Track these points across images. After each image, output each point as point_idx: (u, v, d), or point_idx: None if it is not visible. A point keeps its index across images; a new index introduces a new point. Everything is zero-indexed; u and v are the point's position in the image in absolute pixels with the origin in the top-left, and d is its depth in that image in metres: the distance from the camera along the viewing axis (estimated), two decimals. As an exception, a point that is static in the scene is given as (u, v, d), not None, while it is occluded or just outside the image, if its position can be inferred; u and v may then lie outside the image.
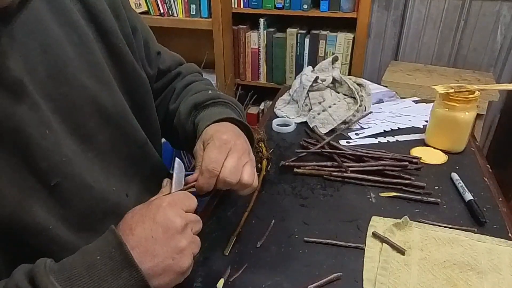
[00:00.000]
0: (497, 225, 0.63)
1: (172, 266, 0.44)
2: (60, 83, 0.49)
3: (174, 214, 0.45)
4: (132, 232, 0.44)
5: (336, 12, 1.75)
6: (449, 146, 0.84)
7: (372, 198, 0.70)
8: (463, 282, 0.53)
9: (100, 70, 0.55)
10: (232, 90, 2.02)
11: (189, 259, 0.45)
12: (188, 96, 0.71)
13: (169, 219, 0.45)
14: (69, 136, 0.51)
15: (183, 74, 0.77)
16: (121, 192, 0.59)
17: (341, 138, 0.90)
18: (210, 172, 0.53)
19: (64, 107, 0.50)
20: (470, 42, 1.80)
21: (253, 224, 0.64)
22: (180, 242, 0.45)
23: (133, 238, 0.43)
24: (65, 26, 0.52)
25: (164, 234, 0.44)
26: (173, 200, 0.47)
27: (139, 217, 0.45)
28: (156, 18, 1.88)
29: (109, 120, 0.56)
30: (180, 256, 0.44)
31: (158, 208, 0.46)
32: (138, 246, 0.43)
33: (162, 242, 0.44)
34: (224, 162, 0.54)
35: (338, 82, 0.99)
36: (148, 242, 0.43)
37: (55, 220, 0.49)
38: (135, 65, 0.62)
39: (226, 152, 0.54)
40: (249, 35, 1.95)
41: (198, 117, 0.66)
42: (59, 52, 0.50)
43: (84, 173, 0.52)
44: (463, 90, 0.81)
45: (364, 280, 0.53)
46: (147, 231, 0.44)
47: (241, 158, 0.55)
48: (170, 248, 0.44)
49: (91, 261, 0.41)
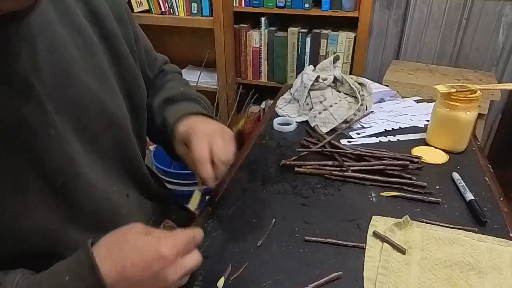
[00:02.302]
0: (498, 225, 0.63)
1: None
2: (66, 84, 0.50)
3: (172, 271, 0.43)
4: (123, 274, 0.41)
5: (337, 11, 1.74)
6: (450, 146, 0.84)
7: (373, 197, 0.70)
8: (464, 282, 0.53)
9: (104, 72, 0.56)
10: (233, 89, 2.02)
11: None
12: (161, 92, 0.73)
13: (165, 276, 0.42)
14: (74, 137, 0.51)
15: (165, 72, 0.80)
16: (121, 193, 0.60)
17: (342, 137, 0.90)
18: (199, 161, 0.55)
19: (70, 108, 0.50)
20: (472, 42, 1.79)
21: (254, 223, 0.64)
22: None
23: (121, 279, 0.41)
24: (70, 28, 0.52)
25: (152, 286, 0.42)
26: (176, 247, 0.44)
27: (138, 257, 0.42)
28: (157, 17, 1.88)
29: (112, 122, 0.57)
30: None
31: (159, 258, 0.42)
32: (119, 285, 0.41)
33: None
34: (213, 147, 0.56)
35: (339, 81, 0.99)
36: (131, 285, 0.42)
37: (60, 220, 0.49)
38: (135, 69, 0.63)
39: (208, 139, 0.57)
40: (250, 34, 1.94)
41: (166, 111, 0.68)
42: (64, 54, 0.50)
43: (89, 173, 0.52)
44: (464, 89, 0.80)
45: (364, 279, 0.53)
46: (138, 278, 0.41)
47: (223, 137, 0.59)
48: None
49: (60, 281, 0.39)
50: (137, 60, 0.65)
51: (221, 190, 0.73)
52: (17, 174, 0.44)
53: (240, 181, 0.75)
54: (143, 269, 0.41)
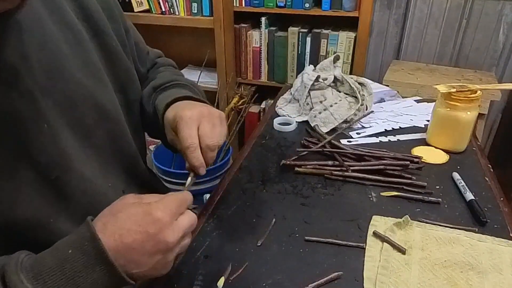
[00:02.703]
0: (498, 225, 0.63)
1: (154, 273, 0.44)
2: (57, 79, 0.50)
3: (170, 232, 0.43)
4: (122, 241, 0.41)
5: (337, 11, 1.74)
6: (450, 146, 0.84)
7: (373, 197, 0.70)
8: (464, 282, 0.53)
9: (95, 68, 0.56)
10: (234, 88, 2.02)
11: (172, 263, 0.45)
12: (151, 82, 0.72)
13: (165, 238, 0.43)
14: (67, 131, 0.51)
15: (158, 65, 0.79)
16: (117, 188, 0.60)
17: (342, 137, 0.90)
18: (188, 148, 0.53)
19: (62, 102, 0.50)
20: (472, 42, 1.79)
21: (254, 223, 0.64)
22: (169, 257, 0.44)
23: (121, 246, 0.41)
24: (60, 25, 0.52)
25: (155, 250, 0.43)
26: (168, 208, 0.45)
27: (132, 223, 0.42)
28: (158, 17, 1.88)
29: (106, 117, 0.57)
30: (164, 267, 0.44)
31: (155, 221, 0.43)
32: (124, 255, 0.41)
33: (150, 257, 0.43)
34: (199, 132, 0.55)
35: (340, 81, 0.99)
36: (135, 254, 0.42)
37: (56, 213, 0.49)
38: (128, 64, 0.63)
39: (195, 124, 0.55)
40: (251, 33, 1.94)
41: (157, 100, 0.66)
42: (55, 49, 0.50)
43: (83, 168, 0.53)
44: (465, 89, 0.80)
45: (364, 279, 0.53)
46: (138, 242, 0.42)
47: (211, 121, 0.57)
48: (158, 264, 0.43)
49: (63, 255, 0.40)
50: (129, 56, 0.65)
51: (221, 190, 0.73)
52: (9, 165, 0.44)
53: (240, 181, 0.75)
54: (140, 234, 0.42)
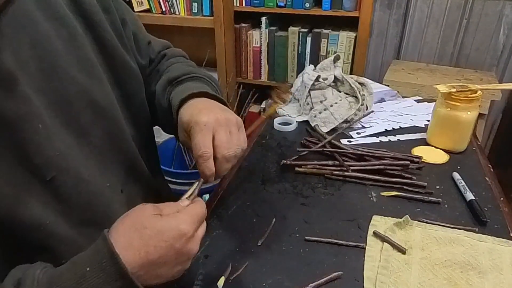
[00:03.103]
0: (498, 225, 0.63)
1: (169, 280, 0.44)
2: (51, 78, 0.49)
3: (194, 245, 0.44)
4: (148, 258, 0.41)
5: (338, 10, 1.75)
6: (450, 146, 0.84)
7: (373, 197, 0.70)
8: (464, 282, 0.53)
9: (90, 64, 0.55)
10: (234, 88, 2.02)
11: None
12: (164, 75, 0.70)
13: (188, 251, 0.44)
14: (63, 130, 0.51)
15: (168, 56, 0.76)
16: (115, 188, 0.59)
17: (342, 137, 0.90)
18: (201, 157, 0.52)
19: (57, 101, 0.50)
20: (472, 42, 1.79)
21: (254, 222, 0.64)
22: (187, 266, 0.45)
23: (146, 262, 0.41)
24: (53, 20, 0.51)
25: (177, 262, 0.44)
26: (193, 221, 0.45)
27: (159, 240, 0.42)
28: (158, 16, 1.88)
29: (102, 114, 0.56)
30: (180, 273, 0.45)
31: (181, 236, 0.43)
32: (148, 271, 0.42)
33: (171, 268, 0.43)
34: (215, 142, 0.53)
35: (340, 81, 0.99)
36: (159, 268, 0.42)
37: (53, 215, 0.48)
38: (125, 58, 0.62)
39: (211, 132, 0.53)
40: (251, 33, 1.94)
41: (172, 93, 0.64)
42: (48, 47, 0.50)
43: (80, 167, 0.52)
44: (465, 89, 0.80)
45: (364, 279, 0.53)
46: (163, 258, 0.42)
47: (229, 129, 0.55)
48: (177, 273, 0.44)
49: (81, 272, 0.39)
50: (128, 48, 0.63)
51: (221, 190, 0.73)
52: (6, 168, 0.44)
53: (240, 181, 0.75)
54: (166, 249, 0.42)
